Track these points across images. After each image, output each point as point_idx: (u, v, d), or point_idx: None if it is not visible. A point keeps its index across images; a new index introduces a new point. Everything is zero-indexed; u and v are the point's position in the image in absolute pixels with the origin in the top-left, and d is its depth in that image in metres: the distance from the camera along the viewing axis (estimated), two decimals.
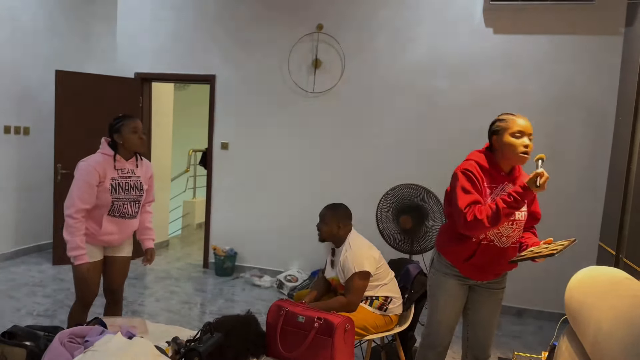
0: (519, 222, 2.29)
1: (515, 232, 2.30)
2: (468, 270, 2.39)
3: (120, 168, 2.87)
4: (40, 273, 5.07)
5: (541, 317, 4.66)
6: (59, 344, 1.77)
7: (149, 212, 3.18)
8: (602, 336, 1.46)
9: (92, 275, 2.88)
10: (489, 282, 2.45)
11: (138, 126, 2.89)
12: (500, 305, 2.50)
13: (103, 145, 2.90)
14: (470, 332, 2.53)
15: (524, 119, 2.25)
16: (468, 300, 2.52)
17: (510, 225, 2.27)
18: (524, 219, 2.31)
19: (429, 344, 2.57)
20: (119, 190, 2.83)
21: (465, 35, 4.74)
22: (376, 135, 5.03)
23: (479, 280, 2.43)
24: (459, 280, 2.44)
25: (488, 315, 2.48)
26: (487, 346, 2.49)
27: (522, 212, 2.30)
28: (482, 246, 2.30)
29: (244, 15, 5.38)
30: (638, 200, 3.39)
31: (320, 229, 2.97)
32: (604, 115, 4.45)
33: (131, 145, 2.89)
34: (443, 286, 2.47)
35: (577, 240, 2.12)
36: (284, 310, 2.29)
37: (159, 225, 6.36)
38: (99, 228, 2.84)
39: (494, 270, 2.38)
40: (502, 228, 2.26)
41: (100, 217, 2.84)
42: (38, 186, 5.77)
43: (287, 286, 4.99)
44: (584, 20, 4.43)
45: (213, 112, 5.57)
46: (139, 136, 2.89)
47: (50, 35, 5.74)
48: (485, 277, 2.41)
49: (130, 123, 2.87)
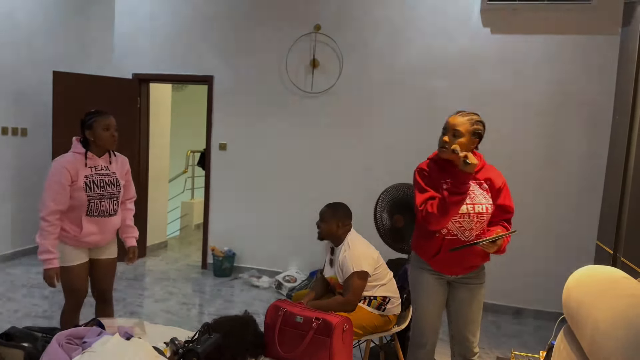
0: (479, 214, 2.33)
1: (478, 225, 2.35)
2: (438, 265, 2.45)
3: (92, 165, 2.82)
4: (38, 274, 5.06)
5: (540, 316, 4.67)
6: (57, 345, 1.77)
7: (129, 210, 3.14)
8: (600, 335, 1.46)
9: (79, 278, 2.87)
10: (466, 278, 2.49)
11: (111, 123, 2.85)
12: (481, 301, 2.52)
13: (74, 144, 2.86)
14: (454, 330, 2.56)
15: (454, 117, 2.38)
16: (449, 297, 2.55)
17: (472, 219, 2.33)
18: (485, 212, 2.35)
19: (416, 343, 2.60)
20: (94, 187, 2.78)
21: (463, 35, 4.75)
22: (374, 134, 5.04)
23: (450, 275, 2.48)
24: (433, 274, 2.50)
25: (469, 311, 2.50)
26: (472, 343, 2.50)
27: (483, 205, 2.35)
28: (446, 241, 2.37)
29: (241, 15, 5.38)
30: (635, 199, 3.40)
31: (319, 227, 2.98)
32: (601, 115, 4.46)
33: (103, 143, 2.84)
34: (420, 281, 2.54)
35: (517, 230, 2.28)
36: (282, 311, 2.29)
37: (157, 226, 6.37)
38: (80, 230, 2.79)
39: (463, 264, 2.42)
40: (464, 222, 2.33)
41: (79, 218, 2.79)
42: (35, 187, 5.75)
43: (285, 287, 4.99)
44: (581, 20, 4.44)
45: (211, 112, 5.56)
46: (111, 133, 2.85)
47: (47, 36, 5.74)
48: (455, 272, 2.45)
49: (102, 120, 2.83)
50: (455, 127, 2.33)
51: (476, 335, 2.51)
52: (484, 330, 4.32)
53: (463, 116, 2.36)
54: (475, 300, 2.49)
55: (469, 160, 2.18)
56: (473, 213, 2.33)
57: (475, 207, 2.33)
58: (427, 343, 2.56)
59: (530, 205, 4.65)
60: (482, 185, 2.39)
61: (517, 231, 2.29)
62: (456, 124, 2.34)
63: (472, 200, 2.34)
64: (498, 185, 2.39)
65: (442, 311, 2.57)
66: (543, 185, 4.62)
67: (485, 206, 2.35)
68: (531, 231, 4.66)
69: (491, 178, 2.40)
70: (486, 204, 2.35)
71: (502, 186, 2.40)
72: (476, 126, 2.36)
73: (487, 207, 2.35)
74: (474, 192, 2.35)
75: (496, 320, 4.60)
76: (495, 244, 2.23)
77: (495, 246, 2.24)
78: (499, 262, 4.73)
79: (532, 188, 4.64)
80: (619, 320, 1.41)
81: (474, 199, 2.34)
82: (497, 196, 2.39)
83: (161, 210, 6.57)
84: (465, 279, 2.48)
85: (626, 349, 1.30)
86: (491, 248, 2.25)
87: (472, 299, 2.48)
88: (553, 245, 4.63)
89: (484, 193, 2.37)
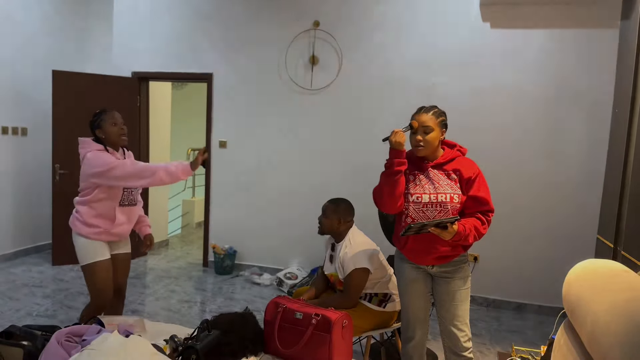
0: (442, 203, 2.39)
1: (441, 215, 2.40)
2: (410, 254, 2.52)
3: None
4: (39, 274, 5.07)
5: (541, 311, 4.66)
6: (56, 343, 1.77)
7: (139, 201, 3.20)
8: (599, 329, 1.46)
9: (108, 274, 2.91)
10: (444, 272, 2.51)
11: (117, 118, 2.91)
12: (464, 295, 2.52)
13: (89, 143, 2.88)
14: (442, 324, 2.57)
15: (419, 115, 2.46)
16: (433, 292, 2.60)
17: (435, 208, 2.40)
18: (449, 201, 2.39)
19: (405, 338, 2.64)
20: None
21: (463, 30, 4.73)
22: (374, 131, 5.02)
23: (425, 265, 2.52)
24: (411, 265, 2.56)
25: (451, 305, 2.50)
26: (459, 337, 2.50)
27: (447, 194, 2.40)
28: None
29: (240, 13, 5.37)
30: (635, 192, 3.39)
31: (320, 222, 2.98)
32: (602, 108, 4.45)
33: (114, 138, 2.89)
34: (401, 272, 2.62)
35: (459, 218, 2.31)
36: (282, 307, 2.29)
37: (158, 224, 6.38)
38: (112, 222, 2.87)
39: (431, 253, 2.45)
40: (428, 211, 2.41)
41: (111, 209, 2.86)
42: (36, 187, 5.77)
43: (286, 284, 4.99)
44: (580, 13, 4.42)
45: (211, 110, 5.56)
46: (119, 128, 2.90)
47: (46, 35, 5.74)
48: (427, 261, 2.49)
49: (109, 116, 2.88)
50: (425, 124, 2.42)
51: (463, 330, 2.51)
52: (486, 325, 4.32)
53: (427, 112, 2.44)
54: (457, 294, 2.50)
55: (395, 137, 2.38)
56: (436, 202, 2.40)
57: (439, 196, 2.40)
58: (414, 336, 2.59)
59: (531, 199, 4.64)
60: (451, 175, 2.44)
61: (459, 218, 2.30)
62: (424, 120, 2.43)
63: (437, 189, 2.41)
64: (468, 175, 2.43)
65: (427, 304, 2.60)
66: (543, 179, 4.61)
67: (450, 195, 2.40)
68: (532, 225, 4.65)
69: (460, 169, 2.44)
70: (451, 193, 2.40)
71: (473, 177, 2.43)
72: (441, 118, 2.47)
73: (451, 197, 2.40)
74: (439, 182, 2.43)
75: (498, 315, 4.59)
76: (447, 231, 2.24)
77: (449, 234, 2.24)
78: (501, 257, 4.74)
79: (533, 182, 4.63)
80: (618, 313, 1.41)
81: (438, 188, 2.42)
82: (469, 188, 2.43)
83: (162, 209, 6.58)
84: (444, 272, 2.51)
85: (626, 343, 1.29)
86: (445, 235, 2.25)
87: (454, 293, 2.50)
88: (554, 240, 4.62)
89: (452, 183, 2.43)
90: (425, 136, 2.42)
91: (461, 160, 2.50)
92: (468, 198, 2.43)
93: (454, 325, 2.51)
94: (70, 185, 5.05)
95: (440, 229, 2.24)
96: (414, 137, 2.45)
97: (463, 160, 2.50)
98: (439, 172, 2.46)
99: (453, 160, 2.49)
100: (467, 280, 2.53)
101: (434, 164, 2.48)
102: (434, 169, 2.47)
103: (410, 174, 2.50)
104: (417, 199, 2.43)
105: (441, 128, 2.46)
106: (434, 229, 2.24)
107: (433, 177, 2.45)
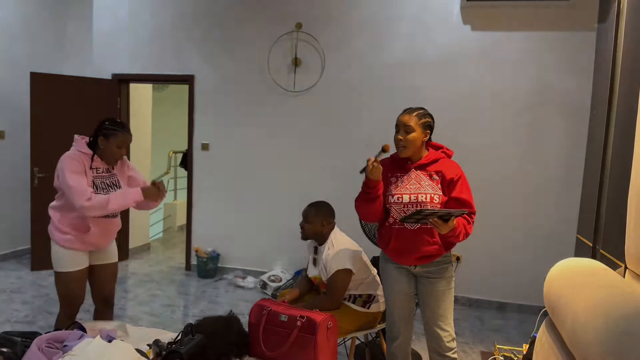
0: (422, 203, 2.42)
1: None
2: (393, 254, 2.56)
3: (95, 167, 2.79)
4: (18, 279, 4.97)
5: (523, 310, 4.72)
6: (37, 349, 1.74)
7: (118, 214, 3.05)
8: (579, 326, 1.48)
9: (78, 284, 2.82)
10: (427, 272, 2.53)
11: (126, 142, 2.82)
12: (447, 295, 2.54)
13: (79, 142, 2.81)
14: (425, 324, 2.60)
15: (403, 115, 2.50)
16: (417, 292, 2.63)
17: (415, 208, 2.42)
18: (429, 201, 2.42)
19: (390, 337, 2.67)
20: (99, 189, 2.76)
21: (444, 32, 4.78)
22: (356, 133, 5.04)
23: (408, 265, 2.55)
24: (394, 265, 2.60)
25: (435, 305, 2.53)
26: (442, 338, 2.52)
27: (428, 195, 2.43)
28: (394, 230, 2.50)
29: (222, 14, 5.34)
30: (613, 193, 3.45)
31: (303, 227, 2.97)
32: (580, 110, 4.53)
33: (109, 156, 2.81)
34: (385, 272, 2.67)
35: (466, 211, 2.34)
36: (266, 310, 2.29)
37: (139, 228, 6.31)
38: (84, 230, 2.76)
39: (414, 253, 2.48)
40: (408, 211, 2.44)
41: (84, 221, 2.75)
42: (14, 191, 5.65)
43: (270, 286, 4.97)
44: (558, 16, 4.50)
45: (192, 112, 5.52)
46: (120, 152, 2.83)
47: (24, 36, 5.63)
48: (410, 261, 2.52)
49: (122, 137, 2.79)
50: (406, 124, 2.46)
51: (447, 330, 2.53)
52: (469, 325, 4.36)
53: (410, 113, 2.48)
54: (439, 294, 2.52)
55: (369, 168, 2.35)
56: (416, 202, 2.43)
57: (419, 196, 2.43)
58: (398, 336, 2.62)
59: (511, 200, 4.70)
60: (433, 176, 2.48)
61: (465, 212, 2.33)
62: (406, 120, 2.47)
63: (417, 190, 2.45)
64: (450, 177, 2.46)
65: (411, 304, 2.63)
66: (523, 180, 4.68)
67: (430, 195, 2.43)
68: (513, 226, 4.71)
69: (442, 170, 2.47)
70: (432, 193, 2.44)
71: (456, 179, 2.46)
72: (425, 119, 2.49)
73: (431, 197, 2.43)
74: (420, 183, 2.46)
75: (480, 315, 4.64)
76: (446, 224, 2.26)
77: (447, 227, 2.26)
78: (482, 257, 4.78)
79: (512, 183, 4.70)
80: (597, 310, 1.43)
81: (419, 189, 2.45)
82: (451, 189, 2.46)
83: (143, 212, 6.50)
84: (427, 273, 2.53)
85: (605, 339, 1.32)
86: (443, 228, 2.27)
87: (437, 293, 2.52)
88: (534, 240, 4.68)
89: (433, 184, 2.46)
90: (407, 136, 2.45)
91: (445, 162, 2.52)
92: (450, 200, 2.45)
93: (438, 326, 2.53)
94: (49, 189, 4.96)
95: (443, 221, 2.26)
96: (396, 137, 2.49)
97: (447, 162, 2.53)
98: (422, 173, 2.49)
99: (437, 161, 2.51)
100: (450, 281, 2.56)
101: (416, 165, 2.51)
102: (417, 170, 2.50)
103: (392, 176, 2.53)
104: (398, 199, 2.47)
105: (424, 129, 2.48)
106: (437, 220, 2.25)
107: (415, 177, 2.48)
